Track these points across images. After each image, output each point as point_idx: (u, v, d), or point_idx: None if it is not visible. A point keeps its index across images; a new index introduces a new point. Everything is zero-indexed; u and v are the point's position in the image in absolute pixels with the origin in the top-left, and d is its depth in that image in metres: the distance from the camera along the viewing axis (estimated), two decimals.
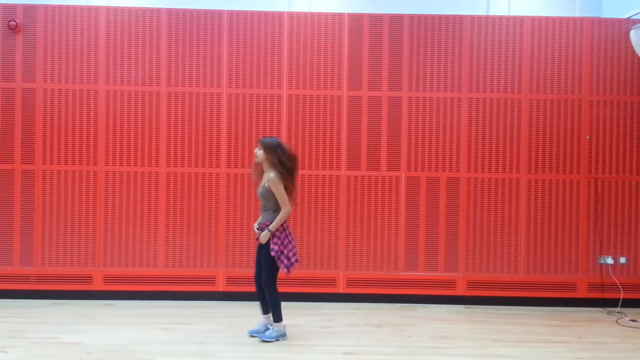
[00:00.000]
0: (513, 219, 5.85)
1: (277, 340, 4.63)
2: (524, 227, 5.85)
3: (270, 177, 4.53)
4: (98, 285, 5.77)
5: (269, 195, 4.55)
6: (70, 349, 4.42)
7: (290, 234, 4.68)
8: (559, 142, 5.86)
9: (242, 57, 5.83)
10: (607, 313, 5.68)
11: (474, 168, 5.86)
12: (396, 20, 5.86)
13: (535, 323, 5.33)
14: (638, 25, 5.67)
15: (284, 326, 4.70)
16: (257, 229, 4.66)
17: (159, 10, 5.81)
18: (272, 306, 4.66)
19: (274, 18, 5.84)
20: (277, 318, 4.67)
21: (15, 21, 5.67)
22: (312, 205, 5.79)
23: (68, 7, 5.76)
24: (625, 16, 6.04)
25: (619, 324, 5.35)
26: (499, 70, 5.87)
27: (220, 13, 5.83)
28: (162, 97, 5.80)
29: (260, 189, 4.65)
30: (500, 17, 5.91)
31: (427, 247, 5.85)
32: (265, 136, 5.11)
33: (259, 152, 4.63)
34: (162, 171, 5.80)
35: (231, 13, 5.83)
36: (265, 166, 4.64)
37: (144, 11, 5.80)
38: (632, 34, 5.77)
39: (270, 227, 4.53)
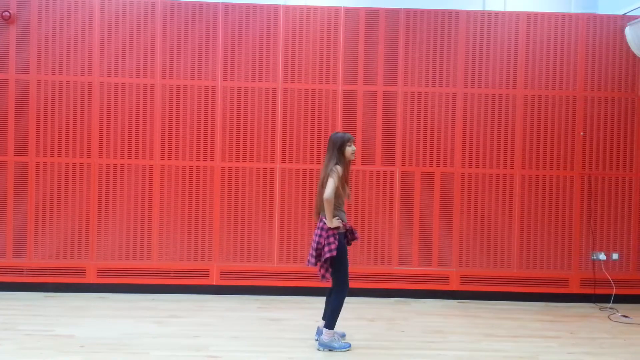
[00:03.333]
0: (507, 214, 5.87)
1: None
2: (517, 222, 5.87)
3: None
4: (91, 278, 5.76)
5: None
6: (63, 341, 4.41)
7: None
8: (553, 138, 5.88)
9: (237, 50, 5.81)
10: (599, 309, 5.71)
11: (468, 163, 5.86)
12: (392, 14, 5.85)
13: (528, 318, 5.36)
14: (633, 21, 5.68)
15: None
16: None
17: (153, 2, 5.78)
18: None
19: (269, 11, 5.82)
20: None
21: (9, 12, 5.63)
22: (307, 199, 5.79)
23: None
24: (621, 12, 6.05)
25: (610, 319, 5.39)
26: (494, 65, 5.87)
27: (215, 5, 5.80)
28: (156, 89, 5.78)
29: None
30: (496, 13, 5.91)
31: (420, 242, 5.86)
32: (337, 132, 4.73)
33: None
34: (156, 164, 5.78)
35: (226, 5, 5.80)
36: None
37: (138, 3, 5.77)
38: (627, 31, 5.78)
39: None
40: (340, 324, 4.90)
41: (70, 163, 5.75)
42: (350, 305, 5.53)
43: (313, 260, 4.35)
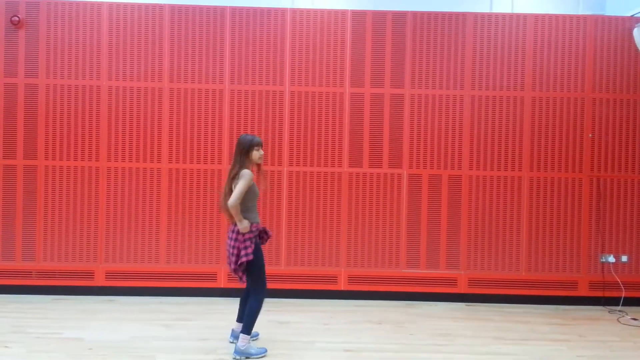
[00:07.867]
0: (515, 216, 5.85)
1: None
2: (525, 225, 5.85)
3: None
4: (100, 281, 5.78)
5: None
6: (71, 344, 4.43)
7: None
8: (562, 140, 5.86)
9: (245, 54, 5.82)
10: (609, 311, 5.67)
11: (475, 166, 5.85)
12: (399, 17, 5.85)
13: (537, 321, 5.33)
14: None
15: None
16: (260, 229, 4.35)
17: (161, 6, 5.80)
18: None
19: (276, 14, 5.83)
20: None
21: (18, 17, 5.67)
22: (314, 202, 5.79)
23: (71, 3, 5.76)
24: (629, 14, 6.02)
25: (620, 322, 5.36)
26: (502, 67, 5.86)
27: (222, 9, 5.82)
28: (164, 93, 5.80)
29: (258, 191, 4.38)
30: (504, 15, 5.89)
31: (428, 244, 5.85)
32: (246, 134, 4.44)
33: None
34: (164, 167, 5.80)
35: (234, 9, 5.82)
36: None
37: (146, 7, 5.80)
38: (636, 32, 5.75)
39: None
40: (348, 327, 4.91)
41: (78, 166, 5.78)
42: (358, 308, 5.52)
43: (233, 265, 4.21)
